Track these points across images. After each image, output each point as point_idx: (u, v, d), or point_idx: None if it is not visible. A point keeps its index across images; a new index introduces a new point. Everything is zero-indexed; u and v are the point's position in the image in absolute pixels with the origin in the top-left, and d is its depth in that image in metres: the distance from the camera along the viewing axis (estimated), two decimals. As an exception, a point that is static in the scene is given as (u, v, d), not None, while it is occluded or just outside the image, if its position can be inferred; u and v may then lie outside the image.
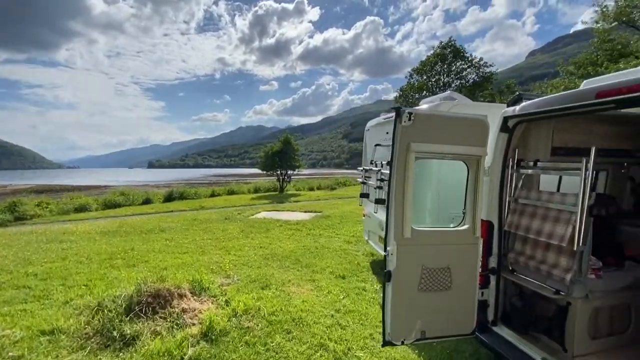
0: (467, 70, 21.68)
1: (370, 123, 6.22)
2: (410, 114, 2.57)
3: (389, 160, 2.70)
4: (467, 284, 2.85)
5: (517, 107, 2.80)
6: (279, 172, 22.04)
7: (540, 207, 2.72)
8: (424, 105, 5.55)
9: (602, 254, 2.78)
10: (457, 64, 21.75)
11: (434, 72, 22.35)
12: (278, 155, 21.36)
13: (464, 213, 2.98)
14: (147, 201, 16.80)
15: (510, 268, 2.99)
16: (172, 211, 13.65)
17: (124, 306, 3.58)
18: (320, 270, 5.43)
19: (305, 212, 12.67)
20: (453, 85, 21.65)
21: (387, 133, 5.31)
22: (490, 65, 21.26)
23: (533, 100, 2.69)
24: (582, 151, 2.99)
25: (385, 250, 2.74)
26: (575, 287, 2.49)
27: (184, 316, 3.54)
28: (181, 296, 3.78)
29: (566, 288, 2.50)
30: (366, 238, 6.33)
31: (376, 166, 5.37)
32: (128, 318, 3.42)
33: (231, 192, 22.00)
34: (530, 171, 2.96)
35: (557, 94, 2.51)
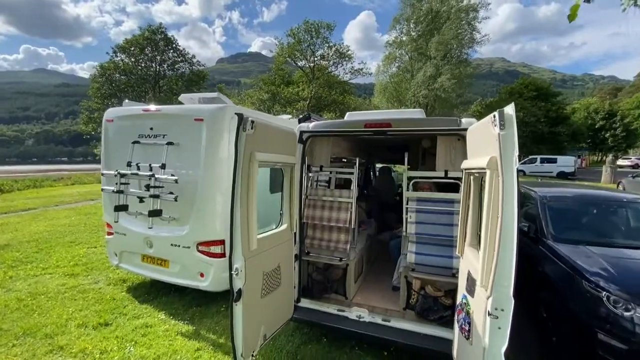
0: (181, 64, 21.57)
1: (114, 112, 4.80)
2: (252, 122, 2.48)
3: (233, 169, 2.45)
4: (289, 275, 3.25)
5: (311, 125, 3.50)
6: None
7: (327, 200, 3.64)
8: (190, 104, 5.14)
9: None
10: (170, 54, 20.98)
11: (143, 56, 20.08)
12: None
13: (281, 214, 3.31)
14: None
15: (307, 251, 3.74)
16: None
17: None
18: (58, 330, 3.56)
19: (-59, 245, 7.31)
20: (167, 75, 20.72)
21: (152, 129, 4.43)
22: (203, 65, 22.54)
23: (322, 122, 3.51)
24: (339, 159, 4.29)
25: (231, 269, 2.50)
26: (351, 253, 3.63)
27: None
28: None
29: (347, 255, 3.58)
30: (115, 263, 4.93)
31: (138, 169, 4.32)
32: None
33: None
34: (311, 174, 3.83)
35: (338, 120, 3.47)
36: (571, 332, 3.08)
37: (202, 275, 4.23)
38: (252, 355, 2.64)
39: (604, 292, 2.88)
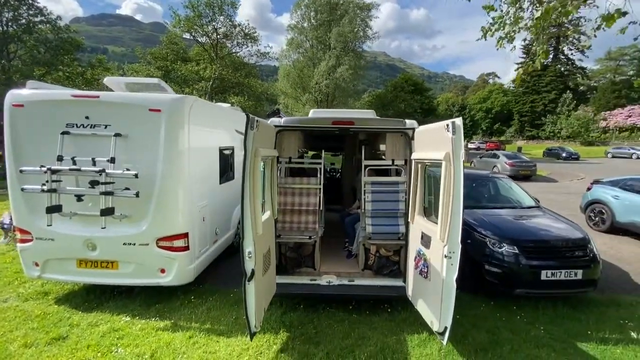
0: (40, 25, 16.73)
1: (24, 96, 3.96)
2: (257, 121, 2.77)
3: (242, 166, 2.69)
4: (273, 256, 3.65)
5: (282, 120, 3.86)
6: None
7: (297, 188, 4.11)
8: (118, 89, 4.68)
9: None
10: (24, 11, 15.96)
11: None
12: None
13: (263, 202, 3.62)
14: None
15: (278, 234, 4.16)
16: None
17: None
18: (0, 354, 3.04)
19: None
20: (23, 38, 15.78)
21: (88, 117, 3.95)
22: (74, 31, 17.98)
23: (292, 118, 3.92)
24: (301, 151, 4.72)
25: (245, 254, 2.79)
26: (319, 231, 4.24)
27: None
28: None
29: (316, 234, 4.18)
30: (35, 274, 4.23)
31: (74, 163, 3.82)
32: None
33: None
34: (279, 165, 4.21)
35: (307, 117, 3.93)
36: (469, 269, 4.51)
37: (163, 271, 4.15)
38: (260, 324, 3.03)
39: (487, 238, 4.35)
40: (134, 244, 4.04)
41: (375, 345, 3.18)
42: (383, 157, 4.32)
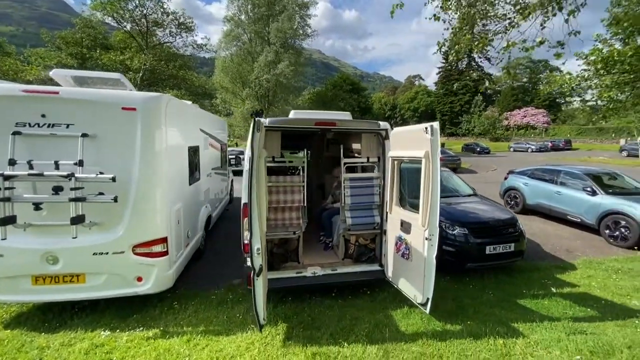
0: None
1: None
2: (261, 123, 2.89)
3: (249, 168, 2.78)
4: (265, 253, 3.77)
5: (267, 120, 3.96)
6: None
7: (282, 186, 4.27)
8: (65, 83, 4.25)
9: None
10: None
11: None
12: None
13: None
14: None
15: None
16: None
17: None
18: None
19: None
20: None
21: (44, 116, 3.56)
22: None
23: (277, 118, 4.03)
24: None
25: (254, 250, 2.90)
26: (302, 226, 4.46)
27: None
28: None
29: (300, 229, 4.39)
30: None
31: (31, 168, 3.41)
32: None
33: None
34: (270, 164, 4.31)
35: (291, 118, 4.09)
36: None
37: (139, 279, 3.95)
38: (266, 318, 3.18)
39: (442, 222, 5.09)
40: (107, 253, 3.77)
41: (369, 323, 3.57)
42: (357, 154, 4.72)
